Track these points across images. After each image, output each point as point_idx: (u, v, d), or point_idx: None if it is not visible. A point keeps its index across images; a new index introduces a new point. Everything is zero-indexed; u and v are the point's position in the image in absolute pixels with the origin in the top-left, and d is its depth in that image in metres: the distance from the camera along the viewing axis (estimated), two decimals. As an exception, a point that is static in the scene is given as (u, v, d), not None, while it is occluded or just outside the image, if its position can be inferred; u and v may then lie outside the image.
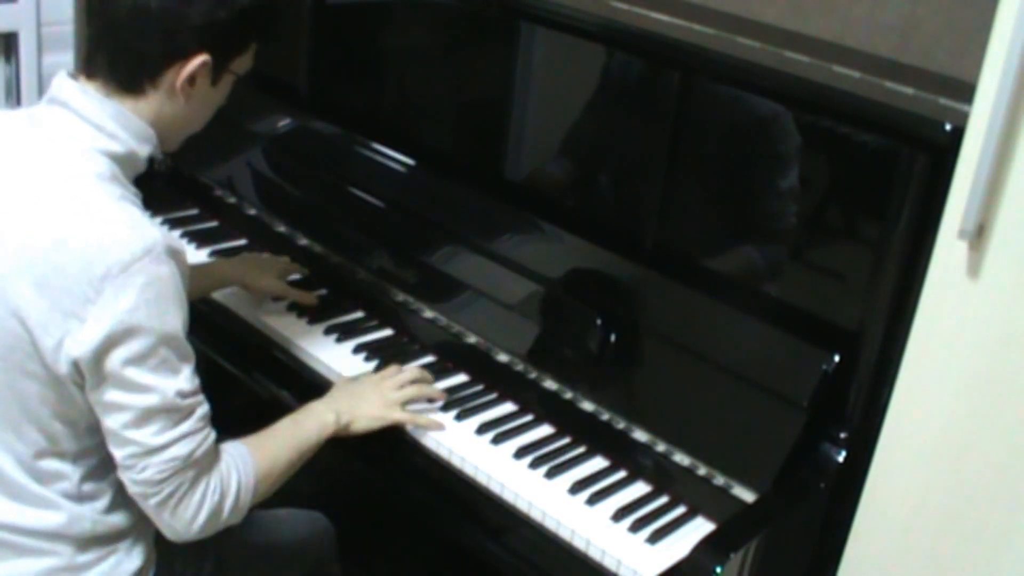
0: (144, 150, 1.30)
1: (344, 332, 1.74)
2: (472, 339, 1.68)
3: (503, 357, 1.65)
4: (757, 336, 1.44)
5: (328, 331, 1.74)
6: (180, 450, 1.23)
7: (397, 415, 1.51)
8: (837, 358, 1.37)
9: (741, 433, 1.41)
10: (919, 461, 1.22)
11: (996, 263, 1.11)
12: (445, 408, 1.58)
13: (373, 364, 1.66)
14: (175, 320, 1.22)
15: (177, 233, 2.00)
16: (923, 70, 1.59)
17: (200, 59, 1.27)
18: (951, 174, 1.13)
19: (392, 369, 1.59)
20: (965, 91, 1.16)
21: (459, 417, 1.56)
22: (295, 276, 1.87)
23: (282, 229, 1.97)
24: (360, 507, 2.11)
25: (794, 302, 1.45)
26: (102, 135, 1.26)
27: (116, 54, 1.27)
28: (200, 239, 2.00)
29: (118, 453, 1.24)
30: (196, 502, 1.26)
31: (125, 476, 1.25)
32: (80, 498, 1.31)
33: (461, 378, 1.66)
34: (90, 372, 1.19)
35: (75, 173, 1.23)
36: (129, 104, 1.28)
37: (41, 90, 2.44)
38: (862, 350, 1.36)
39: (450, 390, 1.62)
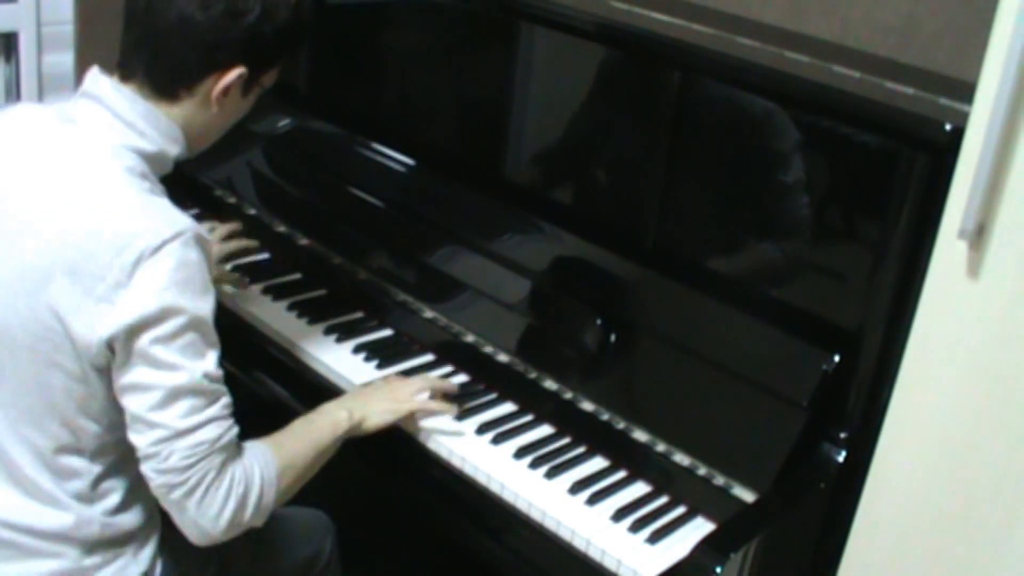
0: (173, 151, 1.33)
1: (344, 332, 1.74)
2: (472, 339, 1.68)
3: (503, 357, 1.65)
4: (757, 336, 1.44)
5: (328, 331, 1.74)
6: (207, 434, 1.22)
7: (407, 405, 1.51)
8: (837, 358, 1.37)
9: (741, 433, 1.41)
10: (919, 461, 1.22)
11: (996, 263, 1.11)
12: (445, 408, 1.58)
13: (373, 364, 1.67)
14: (204, 304, 1.23)
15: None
16: (923, 70, 1.59)
17: (238, 71, 1.31)
18: (951, 174, 1.13)
19: (398, 375, 1.62)
20: (965, 91, 1.16)
21: (459, 417, 1.56)
22: (240, 243, 1.90)
23: (282, 229, 1.97)
24: (359, 506, 2.11)
25: (794, 302, 1.45)
26: (132, 132, 1.29)
27: (155, 61, 1.30)
28: (200, 239, 2.00)
29: (142, 440, 1.22)
30: (223, 494, 1.24)
31: (148, 467, 1.23)
32: (91, 499, 1.31)
33: (461, 378, 1.66)
34: (120, 351, 1.20)
35: (105, 168, 1.25)
36: (163, 108, 1.31)
37: (41, 90, 2.43)
38: (862, 350, 1.36)
39: (450, 390, 1.63)
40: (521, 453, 1.50)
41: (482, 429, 1.54)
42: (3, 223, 1.27)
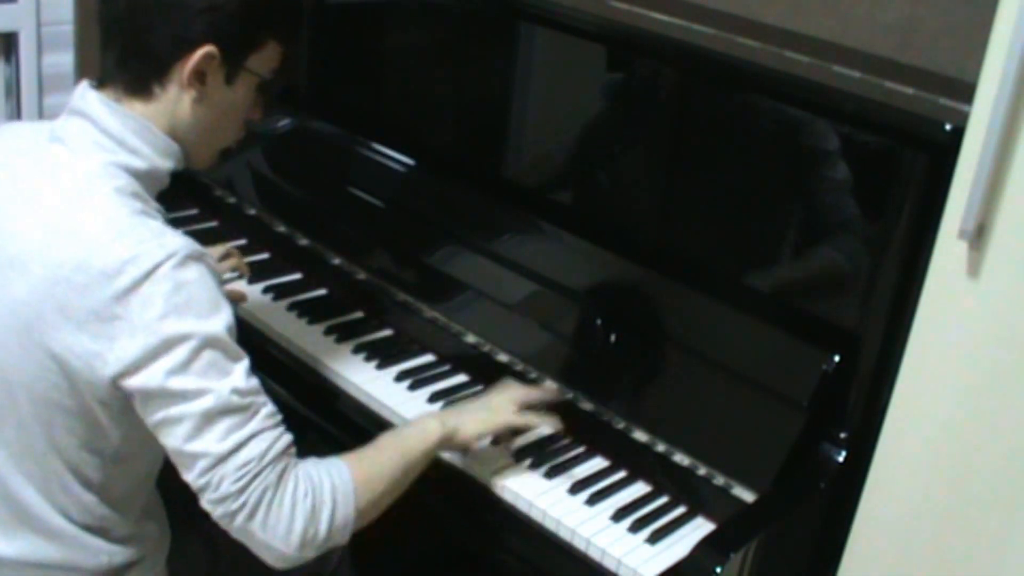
0: (167, 165, 1.26)
1: (344, 332, 1.74)
2: (472, 339, 1.68)
3: (503, 357, 1.65)
4: (757, 336, 1.44)
5: (328, 331, 1.74)
6: (252, 451, 1.15)
7: (504, 416, 1.42)
8: (837, 358, 1.37)
9: (741, 433, 1.41)
10: (919, 461, 1.22)
11: (996, 263, 1.11)
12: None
13: (373, 364, 1.66)
14: (215, 322, 1.15)
15: (177, 233, 2.00)
16: (923, 70, 1.59)
17: (204, 50, 1.21)
18: (951, 174, 1.13)
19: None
20: (965, 91, 1.16)
21: (459, 417, 1.56)
22: (231, 275, 1.81)
23: (282, 229, 1.97)
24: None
25: (794, 302, 1.45)
26: (123, 150, 1.22)
27: (122, 52, 1.23)
28: (200, 239, 1.97)
29: (189, 476, 1.16)
30: (288, 508, 1.17)
31: (204, 501, 1.17)
32: (100, 531, 1.28)
33: (461, 378, 1.66)
34: (134, 390, 1.15)
35: (95, 190, 1.18)
36: (139, 108, 1.24)
37: (41, 90, 2.43)
38: (862, 350, 1.36)
39: (450, 390, 1.62)
40: (521, 453, 1.50)
41: (482, 429, 1.54)
42: None
